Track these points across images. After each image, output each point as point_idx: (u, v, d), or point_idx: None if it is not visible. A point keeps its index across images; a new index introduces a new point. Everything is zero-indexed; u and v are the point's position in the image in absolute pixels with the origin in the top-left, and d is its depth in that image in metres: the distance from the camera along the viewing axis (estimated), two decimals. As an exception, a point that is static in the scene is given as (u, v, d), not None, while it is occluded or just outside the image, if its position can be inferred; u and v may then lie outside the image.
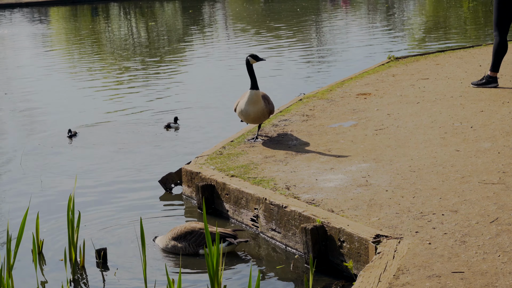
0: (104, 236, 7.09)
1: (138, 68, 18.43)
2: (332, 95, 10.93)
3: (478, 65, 12.54)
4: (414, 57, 14.17)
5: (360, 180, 6.97)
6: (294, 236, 6.46)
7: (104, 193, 8.42)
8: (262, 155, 8.09)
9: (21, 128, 11.85)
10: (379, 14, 30.04)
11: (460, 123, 8.72)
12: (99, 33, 28.23)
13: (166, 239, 6.70)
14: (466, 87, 10.76)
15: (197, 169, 7.89)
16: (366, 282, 5.00)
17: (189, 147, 10.21)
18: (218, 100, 13.31)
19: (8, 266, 5.49)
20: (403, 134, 8.45)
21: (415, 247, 5.38)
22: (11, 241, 5.54)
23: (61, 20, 36.15)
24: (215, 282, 5.18)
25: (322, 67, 16.87)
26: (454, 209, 6.03)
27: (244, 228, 7.14)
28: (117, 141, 10.70)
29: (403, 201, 6.31)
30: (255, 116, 8.53)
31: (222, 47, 21.68)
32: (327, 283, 5.89)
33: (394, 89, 11.07)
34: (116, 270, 6.34)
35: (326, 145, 8.23)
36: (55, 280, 6.18)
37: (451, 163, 7.23)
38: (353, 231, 5.81)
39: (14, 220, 7.37)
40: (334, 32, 24.57)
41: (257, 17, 31.35)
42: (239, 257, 6.57)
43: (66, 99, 14.21)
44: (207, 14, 34.59)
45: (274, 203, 6.65)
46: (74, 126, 11.48)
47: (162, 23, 31.50)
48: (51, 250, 6.77)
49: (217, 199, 7.56)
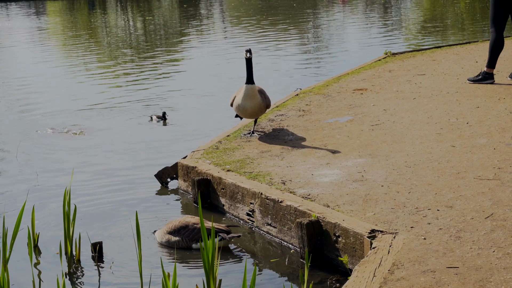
0: (100, 230, 7.09)
1: (134, 61, 18.41)
2: (328, 90, 10.94)
3: (474, 61, 12.56)
4: (411, 52, 14.19)
5: (356, 175, 6.97)
6: (290, 230, 6.47)
7: (100, 187, 8.41)
8: (258, 149, 8.09)
9: (17, 121, 11.83)
10: (376, 10, 30.02)
11: (456, 119, 8.73)
12: (95, 26, 28.17)
13: (162, 233, 6.73)
14: (463, 83, 10.77)
15: (193, 163, 7.89)
16: (361, 277, 5.01)
17: (185, 141, 10.20)
18: (214, 94, 13.30)
19: (4, 260, 5.49)
20: (399, 130, 8.47)
21: (410, 242, 5.39)
22: (7, 234, 5.54)
23: (58, 13, 36.07)
24: (211, 276, 5.19)
25: (319, 62, 16.87)
26: (449, 204, 6.05)
27: (239, 222, 7.15)
28: (113, 135, 10.70)
29: (398, 197, 6.32)
30: (252, 110, 8.53)
31: (218, 41, 21.65)
32: (322, 277, 5.90)
33: (391, 84, 11.08)
34: (111, 263, 6.35)
35: (322, 140, 8.24)
36: (51, 273, 6.18)
37: (447, 159, 7.24)
38: (348, 226, 5.82)
39: (10, 213, 7.36)
40: (331, 27, 24.56)
41: (253, 12, 31.32)
42: (234, 251, 6.58)
43: (63, 92, 14.19)
44: (203, 9, 34.54)
45: (270, 197, 6.66)
46: (71, 119, 11.47)
47: (159, 17, 31.45)
48: (47, 244, 6.77)
49: (213, 194, 7.56)
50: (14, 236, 5.51)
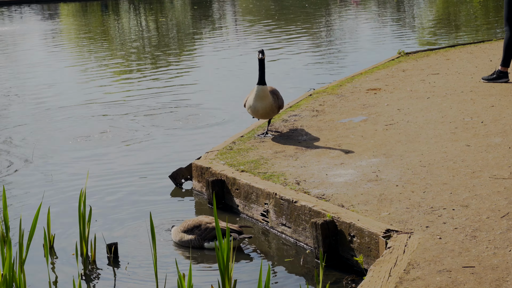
0: (115, 231, 7.12)
1: (148, 63, 18.45)
2: (342, 90, 10.93)
3: (488, 60, 12.50)
4: (424, 52, 14.14)
5: (370, 175, 6.96)
6: (304, 231, 6.47)
7: (115, 188, 8.44)
8: (272, 150, 8.10)
9: (33, 122, 11.88)
10: (389, 9, 29.96)
11: (470, 118, 8.70)
12: (109, 28, 28.28)
13: (177, 231, 6.78)
14: (477, 82, 10.73)
15: (207, 164, 7.90)
16: (377, 277, 5.00)
17: (199, 142, 10.21)
18: (228, 95, 13.31)
19: (20, 261, 5.52)
20: (413, 129, 8.44)
21: (426, 242, 5.38)
22: (23, 236, 5.58)
23: (71, 16, 36.23)
24: (226, 276, 5.20)
25: (332, 62, 16.85)
26: (464, 204, 6.03)
27: (254, 223, 7.15)
28: (128, 136, 10.73)
29: (413, 196, 6.30)
30: (263, 111, 8.54)
31: (231, 42, 21.68)
32: (337, 277, 5.90)
33: (404, 84, 11.06)
34: (127, 264, 6.37)
35: (336, 140, 8.23)
36: (67, 274, 6.21)
37: (462, 158, 7.22)
38: (363, 225, 5.82)
39: (26, 214, 7.40)
40: (343, 27, 24.53)
41: (265, 12, 31.32)
42: (249, 251, 6.59)
43: (78, 94, 14.24)
44: (215, 10, 34.59)
45: (284, 198, 6.66)
46: (86, 121, 11.52)
47: (172, 18, 31.52)
48: (63, 245, 6.80)
49: (227, 194, 7.57)
50: (30, 237, 5.54)
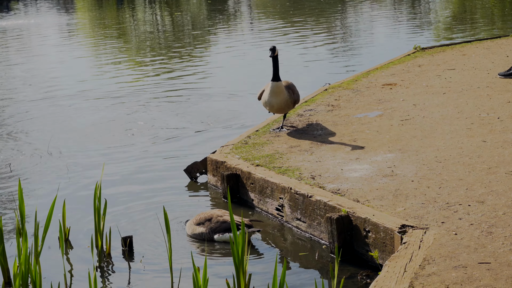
0: (130, 224, 7.14)
1: (164, 58, 18.47)
2: (357, 85, 10.89)
3: (505, 55, 12.42)
4: (440, 47, 14.07)
5: (386, 170, 6.94)
6: (319, 225, 6.46)
7: (130, 181, 8.47)
8: (287, 144, 8.09)
9: (48, 116, 11.93)
10: (405, 4, 29.82)
11: (486, 114, 8.65)
12: (124, 22, 28.33)
13: (190, 224, 6.82)
14: (493, 78, 10.66)
15: (222, 158, 7.90)
16: (392, 272, 4.99)
17: (214, 136, 10.21)
18: (243, 89, 13.31)
19: (36, 253, 5.55)
20: (429, 125, 8.40)
21: (441, 238, 5.35)
22: (38, 228, 5.60)
23: (86, 10, 36.33)
24: (240, 270, 5.20)
25: (347, 57, 16.80)
26: (480, 200, 5.99)
27: (269, 217, 7.15)
28: (143, 130, 10.75)
29: (429, 192, 6.28)
30: (278, 106, 8.57)
31: (246, 37, 21.66)
32: (352, 272, 5.89)
33: (420, 79, 11.01)
34: (141, 257, 6.39)
35: (351, 135, 8.21)
36: (82, 267, 6.23)
37: (478, 154, 7.18)
38: (378, 221, 5.80)
39: (41, 207, 7.43)
40: (359, 22, 24.44)
41: (281, 8, 31.27)
42: (264, 246, 6.58)
43: (94, 87, 14.28)
44: (231, 5, 34.56)
45: (299, 192, 6.66)
46: (101, 114, 11.55)
47: (187, 12, 31.54)
48: (78, 237, 6.83)
49: (242, 188, 7.57)
50: (46, 229, 5.57)
